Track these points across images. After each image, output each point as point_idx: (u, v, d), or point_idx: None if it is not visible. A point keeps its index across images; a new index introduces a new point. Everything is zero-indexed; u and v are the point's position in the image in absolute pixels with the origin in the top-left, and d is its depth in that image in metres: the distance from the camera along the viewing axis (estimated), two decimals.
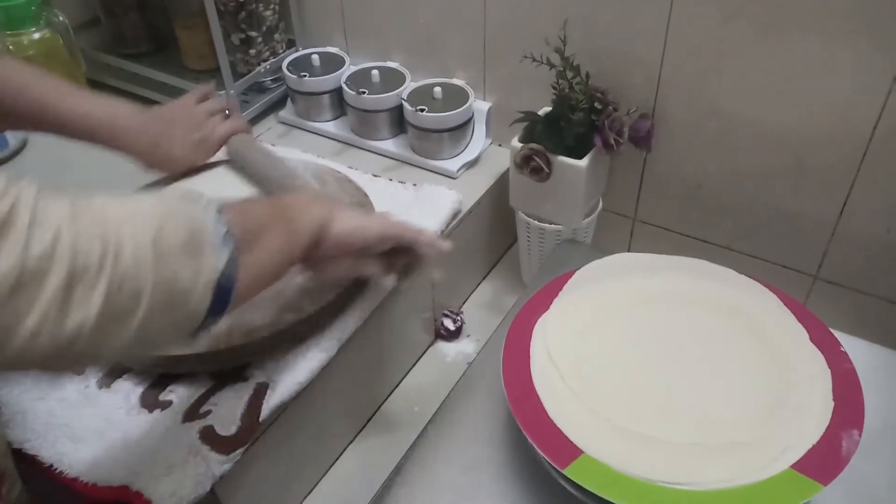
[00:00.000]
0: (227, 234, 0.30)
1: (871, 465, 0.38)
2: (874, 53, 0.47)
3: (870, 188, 0.52)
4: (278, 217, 0.36)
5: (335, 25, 0.72)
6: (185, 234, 0.28)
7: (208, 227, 0.30)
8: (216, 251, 0.29)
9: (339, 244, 0.40)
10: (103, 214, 0.26)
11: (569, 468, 0.35)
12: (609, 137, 0.53)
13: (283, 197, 0.40)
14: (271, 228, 0.35)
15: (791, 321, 0.42)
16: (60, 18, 0.71)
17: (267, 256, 0.34)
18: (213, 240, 0.29)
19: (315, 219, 0.38)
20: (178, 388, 0.43)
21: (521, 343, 0.42)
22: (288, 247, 0.36)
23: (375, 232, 0.42)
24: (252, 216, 0.34)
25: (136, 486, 0.38)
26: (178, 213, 0.29)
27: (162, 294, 0.27)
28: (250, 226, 0.33)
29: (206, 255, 0.29)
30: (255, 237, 0.33)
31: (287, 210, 0.37)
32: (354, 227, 0.40)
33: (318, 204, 0.40)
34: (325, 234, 0.39)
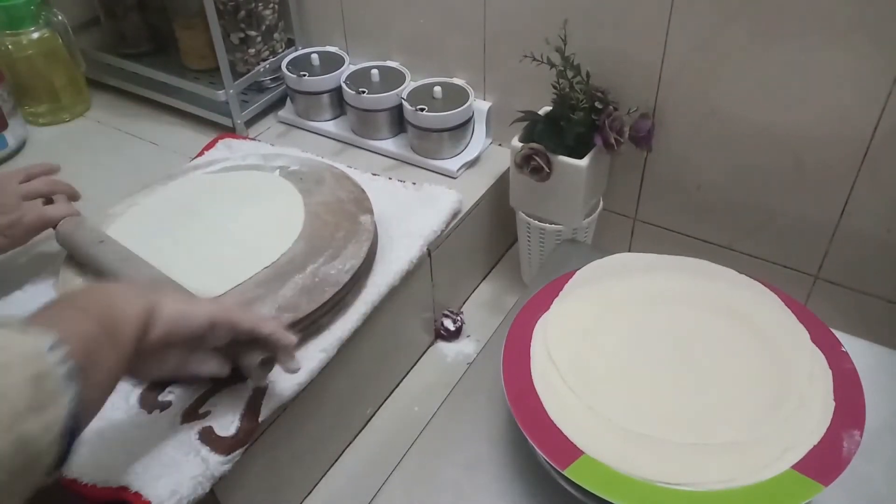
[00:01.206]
0: (70, 369, 0.27)
1: (871, 466, 0.38)
2: (874, 54, 0.47)
3: (871, 188, 0.52)
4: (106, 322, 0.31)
5: (335, 25, 0.72)
6: (29, 389, 0.25)
7: (50, 369, 0.27)
8: (61, 395, 0.27)
9: (164, 334, 0.35)
10: None
11: (569, 469, 0.35)
12: (609, 137, 0.53)
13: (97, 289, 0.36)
14: (104, 341, 0.31)
15: (792, 321, 0.42)
16: (60, 18, 0.71)
17: (105, 375, 0.31)
18: (57, 384, 0.27)
19: (137, 311, 0.33)
20: (177, 388, 0.43)
21: (522, 343, 0.42)
22: (121, 356, 0.32)
23: (204, 318, 0.36)
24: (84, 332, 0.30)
25: (136, 486, 0.38)
26: (15, 364, 0.26)
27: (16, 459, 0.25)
28: (86, 346, 0.29)
29: (54, 404, 0.26)
30: (92, 358, 0.29)
31: (112, 307, 0.32)
32: (181, 314, 0.35)
33: (138, 292, 0.35)
34: (150, 326, 0.34)
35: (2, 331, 0.27)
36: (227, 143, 0.67)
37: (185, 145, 0.69)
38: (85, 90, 0.77)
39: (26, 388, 0.25)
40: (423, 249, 0.54)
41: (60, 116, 0.75)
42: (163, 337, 0.35)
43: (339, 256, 0.49)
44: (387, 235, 0.54)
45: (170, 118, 0.74)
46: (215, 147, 0.66)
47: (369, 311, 0.49)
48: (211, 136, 0.68)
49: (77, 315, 0.31)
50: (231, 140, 0.67)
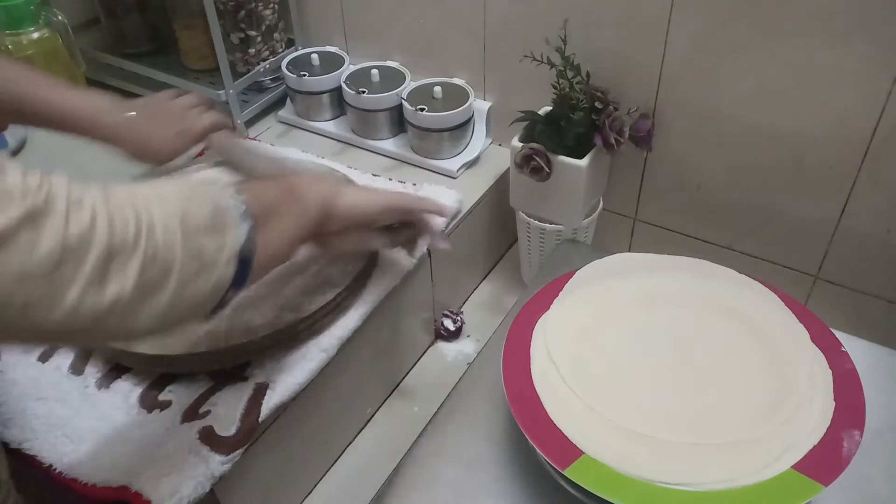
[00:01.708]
0: (245, 211, 0.33)
1: (872, 466, 0.38)
2: (874, 54, 0.47)
3: (871, 189, 0.52)
4: (288, 196, 0.38)
5: (335, 25, 0.72)
6: (208, 213, 0.31)
7: (228, 205, 0.32)
8: (236, 227, 0.32)
9: (345, 218, 0.41)
10: (133, 197, 0.28)
11: (569, 469, 0.35)
12: (609, 137, 0.53)
13: (290, 177, 0.42)
14: (282, 207, 0.37)
15: (792, 321, 0.42)
16: (59, 18, 0.71)
17: (279, 233, 0.36)
18: (232, 217, 0.32)
19: (321, 196, 0.40)
20: (178, 388, 0.43)
21: (522, 343, 0.42)
22: (298, 224, 0.38)
23: (380, 205, 0.43)
24: (265, 196, 0.36)
25: (136, 486, 0.38)
26: (201, 195, 0.32)
27: (190, 266, 0.29)
28: (264, 205, 0.35)
29: (228, 231, 0.31)
30: (268, 215, 0.35)
31: (295, 189, 0.39)
32: (358, 202, 0.42)
33: (322, 182, 0.42)
34: (331, 210, 0.40)
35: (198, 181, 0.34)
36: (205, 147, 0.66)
37: None
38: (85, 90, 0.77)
39: (206, 214, 0.31)
40: (423, 249, 0.54)
41: None
42: (341, 222, 0.41)
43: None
44: None
45: None
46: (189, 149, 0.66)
47: (370, 312, 0.49)
48: None
49: (269, 185, 0.38)
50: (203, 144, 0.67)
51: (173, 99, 0.57)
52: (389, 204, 0.44)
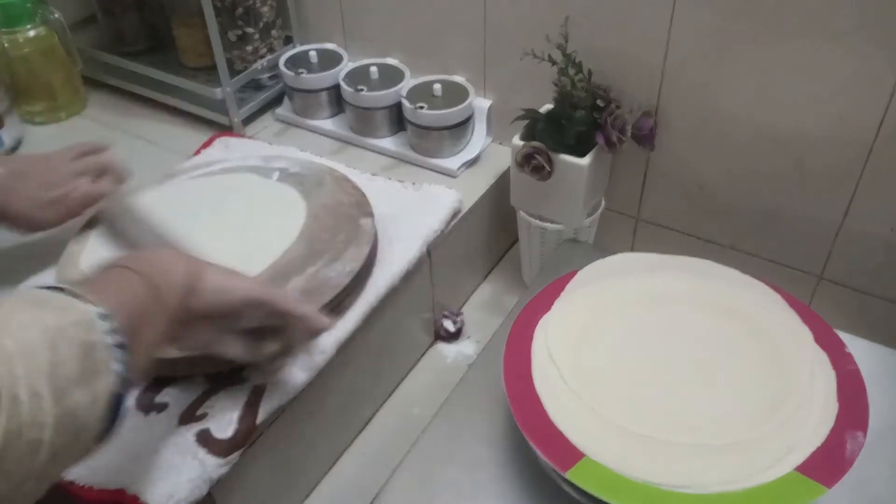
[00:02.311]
0: (118, 344, 0.28)
1: (875, 467, 0.38)
2: (877, 53, 0.46)
3: (874, 188, 0.52)
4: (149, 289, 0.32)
5: (333, 22, 0.72)
6: (78, 360, 0.26)
7: (99, 341, 0.27)
8: (109, 366, 0.27)
9: (205, 305, 0.35)
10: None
11: (570, 471, 0.34)
12: (611, 135, 0.53)
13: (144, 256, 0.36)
14: (148, 301, 0.31)
15: (795, 322, 0.42)
16: (56, 16, 0.70)
17: (148, 343, 0.31)
18: (105, 355, 0.27)
19: (183, 273, 0.34)
20: (174, 390, 0.43)
21: (522, 344, 0.41)
22: (165, 322, 0.33)
23: (243, 293, 0.37)
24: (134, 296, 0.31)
25: (133, 489, 0.38)
26: (68, 331, 0.26)
27: (64, 431, 0.25)
28: (133, 316, 0.30)
29: (102, 375, 0.27)
30: (137, 325, 0.30)
31: (152, 276, 0.33)
32: (222, 286, 0.36)
33: (181, 258, 0.36)
34: (193, 293, 0.35)
35: (60, 294, 0.27)
36: (224, 142, 0.66)
37: (183, 144, 0.68)
38: (82, 89, 0.76)
39: (76, 357, 0.26)
40: (423, 250, 0.54)
41: (57, 115, 0.74)
42: (204, 306, 0.35)
43: (339, 259, 0.48)
44: (386, 236, 0.54)
45: (167, 116, 0.74)
46: (212, 145, 0.66)
47: (369, 312, 0.49)
48: (208, 135, 0.68)
49: (129, 278, 0.32)
50: (228, 139, 0.67)
51: (73, 158, 0.51)
52: (251, 295, 0.37)
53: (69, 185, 0.50)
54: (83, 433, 0.26)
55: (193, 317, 0.35)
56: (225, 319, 0.37)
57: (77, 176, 0.50)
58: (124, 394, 0.28)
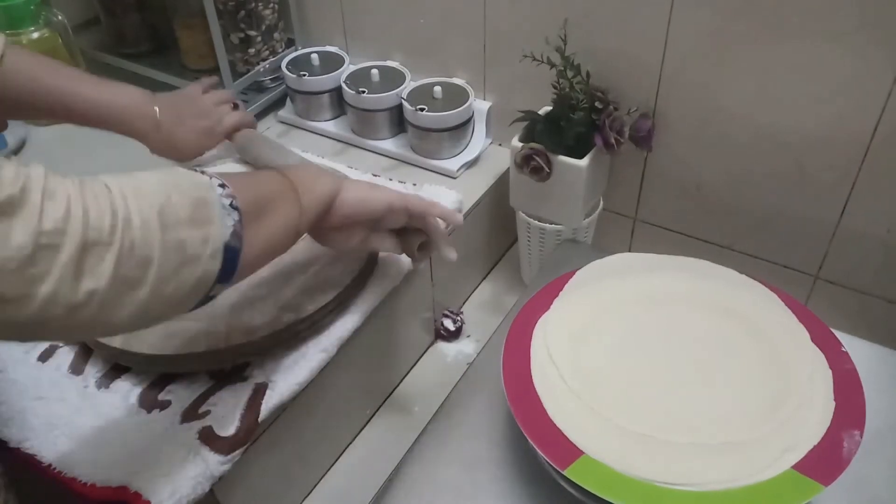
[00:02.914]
0: (231, 205, 0.32)
1: (872, 466, 0.38)
2: (875, 54, 0.47)
3: (871, 188, 0.52)
4: (285, 189, 0.37)
5: (335, 24, 0.72)
6: (189, 206, 0.30)
7: (212, 198, 0.31)
8: (221, 220, 0.31)
9: (347, 215, 0.40)
10: (110, 190, 0.28)
11: (569, 469, 0.35)
12: (610, 137, 0.53)
13: (292, 169, 0.41)
14: (277, 200, 0.36)
15: (792, 321, 0.42)
16: (59, 18, 0.71)
17: (273, 227, 0.35)
18: (216, 210, 0.31)
19: (323, 189, 0.39)
20: (177, 388, 0.43)
21: (522, 343, 0.41)
22: (294, 218, 0.37)
23: (384, 202, 0.42)
24: (257, 188, 0.35)
25: (135, 486, 0.38)
26: (183, 187, 0.31)
27: (171, 260, 0.29)
28: (255, 197, 0.34)
29: (212, 224, 0.31)
30: (260, 208, 0.34)
31: (295, 182, 0.38)
32: (363, 198, 0.41)
33: (325, 175, 0.40)
34: (335, 203, 0.40)
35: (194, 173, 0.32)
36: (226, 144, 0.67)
37: None
38: None
39: (187, 206, 0.30)
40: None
41: None
42: (345, 217, 0.40)
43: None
44: None
45: None
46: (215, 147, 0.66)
47: (370, 312, 0.49)
48: None
49: (273, 176, 0.37)
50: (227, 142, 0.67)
51: (202, 93, 0.57)
52: (398, 203, 0.42)
53: (215, 114, 0.56)
54: (192, 264, 0.30)
55: (340, 223, 0.41)
56: (372, 223, 0.42)
57: (217, 105, 0.57)
58: (239, 248, 0.32)
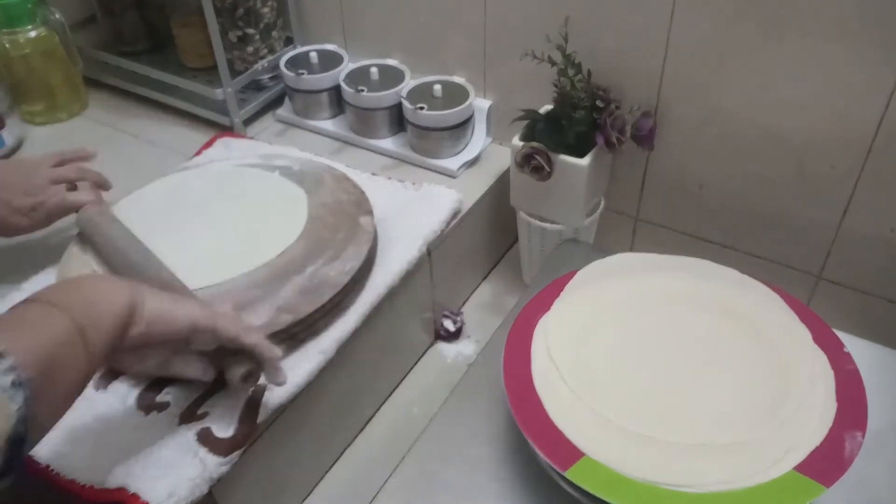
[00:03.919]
0: (14, 383, 0.27)
1: (873, 467, 0.38)
2: (877, 53, 0.47)
3: (873, 188, 0.52)
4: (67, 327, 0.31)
5: (334, 23, 0.72)
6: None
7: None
8: (6, 410, 0.26)
9: (143, 333, 0.34)
10: None
11: (570, 470, 0.34)
12: (611, 136, 0.53)
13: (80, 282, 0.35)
14: (67, 346, 0.30)
15: (794, 321, 0.42)
16: (57, 16, 0.71)
17: (69, 377, 0.30)
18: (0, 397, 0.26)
19: (120, 305, 0.33)
20: (175, 389, 0.43)
21: (522, 344, 0.41)
22: (87, 358, 0.31)
23: (187, 320, 0.36)
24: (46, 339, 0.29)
25: (133, 487, 0.38)
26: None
27: None
28: (44, 354, 0.29)
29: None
30: (51, 363, 0.29)
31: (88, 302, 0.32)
32: (163, 313, 0.35)
33: (120, 286, 0.34)
34: (131, 322, 0.34)
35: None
36: (225, 143, 0.66)
37: (183, 144, 0.68)
38: (82, 89, 0.76)
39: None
40: (423, 249, 0.54)
41: (57, 115, 0.74)
42: (143, 334, 0.34)
43: (339, 258, 0.49)
44: (386, 235, 0.54)
45: (167, 117, 0.74)
46: (213, 146, 0.66)
47: (369, 312, 0.49)
48: (209, 135, 0.68)
49: (49, 315, 0.31)
50: (229, 139, 0.67)
51: (53, 165, 0.52)
52: (204, 322, 0.36)
53: (46, 193, 0.50)
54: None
55: (136, 343, 0.34)
56: (173, 344, 0.37)
57: (54, 183, 0.51)
58: (24, 437, 0.27)
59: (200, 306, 0.38)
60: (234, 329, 0.38)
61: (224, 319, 0.38)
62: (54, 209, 0.50)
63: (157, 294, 0.36)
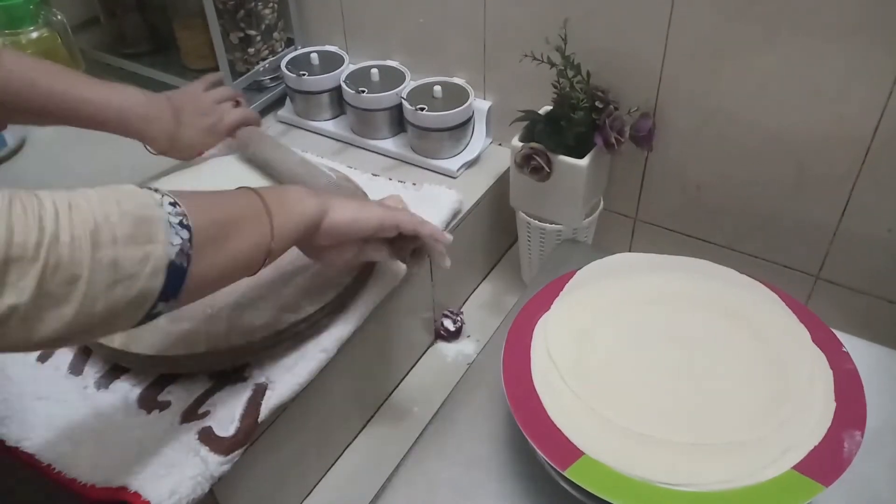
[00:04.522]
0: (181, 223, 0.31)
1: (872, 466, 0.38)
2: (876, 54, 0.47)
3: (871, 189, 0.52)
4: (254, 211, 0.36)
5: (334, 24, 0.72)
6: (130, 224, 0.30)
7: (157, 216, 0.31)
8: (166, 238, 0.30)
9: (337, 235, 0.40)
10: (41, 206, 0.28)
11: (569, 469, 0.35)
12: (610, 137, 0.53)
13: (275, 189, 0.40)
14: (242, 222, 0.35)
15: (792, 321, 0.42)
16: (59, 17, 0.71)
17: (235, 249, 0.34)
18: (161, 228, 0.30)
19: (304, 212, 0.38)
20: (177, 388, 0.43)
21: (522, 343, 0.41)
22: (263, 241, 0.36)
23: (374, 223, 0.42)
24: (218, 209, 0.35)
25: (135, 486, 0.38)
26: (125, 205, 0.30)
27: (101, 278, 0.29)
28: (214, 218, 0.34)
29: (154, 243, 0.30)
30: (220, 229, 0.34)
31: (270, 203, 0.37)
32: (351, 219, 0.41)
33: (312, 196, 0.40)
34: (321, 227, 0.39)
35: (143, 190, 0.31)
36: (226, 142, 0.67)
37: None
38: None
39: (127, 224, 0.29)
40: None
41: None
42: (335, 238, 0.40)
43: None
44: None
45: None
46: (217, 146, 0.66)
47: (369, 312, 0.49)
48: None
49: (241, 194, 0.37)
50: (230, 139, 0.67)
51: (205, 90, 0.57)
52: (388, 221, 0.42)
53: (216, 112, 0.56)
54: (127, 282, 0.29)
55: (334, 243, 0.41)
56: (363, 240, 0.42)
57: (219, 103, 0.56)
58: (185, 267, 0.31)
59: (382, 207, 0.44)
60: (412, 221, 0.44)
61: (403, 214, 0.44)
62: (227, 125, 0.56)
63: (346, 203, 0.41)
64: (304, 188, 0.41)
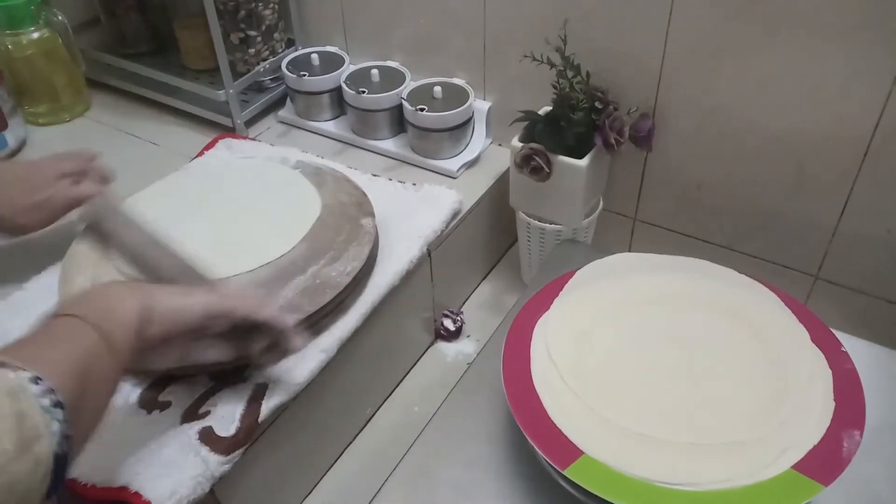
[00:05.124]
0: (53, 403, 0.27)
1: (872, 466, 0.38)
2: (875, 53, 0.47)
3: (871, 188, 0.52)
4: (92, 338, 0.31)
5: (335, 25, 0.72)
6: (12, 432, 0.26)
7: (31, 406, 0.27)
8: (50, 428, 0.27)
9: (158, 333, 0.35)
10: None
11: (569, 469, 0.35)
12: (610, 137, 0.53)
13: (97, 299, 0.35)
14: (92, 357, 0.31)
15: (792, 321, 0.42)
16: (60, 18, 0.71)
17: (101, 386, 0.31)
18: (42, 419, 0.27)
19: (133, 309, 0.34)
20: (177, 388, 0.43)
21: (522, 343, 0.42)
22: (113, 371, 0.32)
23: (199, 310, 0.36)
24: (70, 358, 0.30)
25: (135, 486, 0.38)
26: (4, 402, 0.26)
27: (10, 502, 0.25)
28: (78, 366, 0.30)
29: (42, 439, 0.26)
30: (81, 382, 0.30)
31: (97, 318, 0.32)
32: (174, 308, 0.36)
33: (129, 292, 0.35)
34: (146, 324, 0.34)
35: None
36: (227, 143, 0.67)
37: (185, 145, 0.69)
38: (85, 90, 0.77)
39: (11, 432, 0.25)
40: (423, 249, 0.54)
41: (60, 116, 0.75)
42: (160, 333, 0.35)
43: (340, 259, 0.49)
44: (387, 236, 0.54)
45: (170, 118, 0.74)
46: (215, 147, 0.66)
47: (369, 312, 0.49)
48: (211, 136, 0.68)
49: (79, 329, 0.32)
50: (231, 140, 0.67)
51: (51, 163, 0.51)
52: (216, 307, 0.37)
53: (51, 189, 0.50)
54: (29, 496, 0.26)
55: (155, 342, 0.35)
56: (191, 334, 0.37)
57: (59, 179, 0.50)
58: (67, 453, 0.28)
59: (210, 292, 0.38)
60: (245, 307, 0.38)
61: (235, 300, 0.38)
62: (61, 203, 0.50)
63: (166, 290, 0.37)
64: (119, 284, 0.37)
